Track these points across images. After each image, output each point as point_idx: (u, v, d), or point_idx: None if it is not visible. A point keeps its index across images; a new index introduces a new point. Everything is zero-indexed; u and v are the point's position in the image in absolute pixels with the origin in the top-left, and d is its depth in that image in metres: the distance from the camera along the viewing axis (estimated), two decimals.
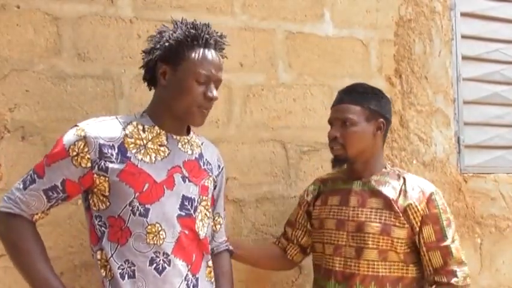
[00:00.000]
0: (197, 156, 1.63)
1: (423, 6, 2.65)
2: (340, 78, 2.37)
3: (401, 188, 1.86)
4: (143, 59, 1.60)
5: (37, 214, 1.50)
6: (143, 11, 2.02)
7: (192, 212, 1.55)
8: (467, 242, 2.66)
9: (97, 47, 1.95)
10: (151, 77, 1.58)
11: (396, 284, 1.82)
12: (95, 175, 1.46)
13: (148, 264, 1.46)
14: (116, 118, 1.56)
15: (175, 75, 1.52)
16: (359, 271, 1.81)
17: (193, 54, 1.51)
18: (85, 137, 1.46)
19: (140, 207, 1.46)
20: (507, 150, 2.89)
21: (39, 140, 1.84)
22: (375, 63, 2.52)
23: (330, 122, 1.92)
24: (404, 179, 1.89)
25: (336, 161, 1.90)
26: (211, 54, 1.53)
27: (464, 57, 2.77)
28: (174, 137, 1.58)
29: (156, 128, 1.56)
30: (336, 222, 1.88)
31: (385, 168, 1.94)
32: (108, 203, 1.48)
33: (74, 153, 1.45)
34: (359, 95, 1.88)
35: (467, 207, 2.69)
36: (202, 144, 1.68)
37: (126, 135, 1.51)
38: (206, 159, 1.66)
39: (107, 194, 1.48)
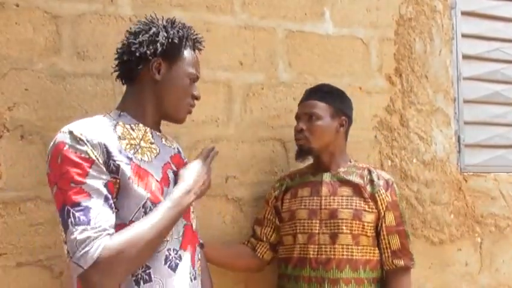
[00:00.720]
0: (176, 150, 1.64)
1: (424, 5, 2.65)
2: (340, 77, 2.37)
3: (367, 177, 2.01)
4: (132, 49, 1.50)
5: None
6: (143, 9, 2.01)
7: None
8: (467, 241, 2.66)
9: (97, 45, 1.95)
10: (133, 69, 1.51)
11: (366, 266, 1.93)
12: None
13: (163, 263, 1.41)
14: (103, 119, 1.46)
15: (170, 72, 1.52)
16: (334, 255, 1.91)
17: (187, 54, 1.56)
18: (87, 140, 1.34)
19: (153, 207, 1.39)
20: (507, 149, 2.88)
21: (39, 139, 1.84)
22: (376, 62, 2.51)
23: (297, 117, 2.06)
24: (368, 170, 2.04)
25: (300, 153, 2.03)
26: (196, 55, 1.61)
27: (465, 56, 2.76)
28: (157, 133, 1.57)
29: (141, 125, 1.52)
30: (308, 212, 1.97)
31: (350, 162, 2.08)
32: (115, 210, 1.37)
33: (94, 156, 1.32)
34: (325, 94, 2.03)
35: (467, 207, 2.68)
36: (173, 139, 1.70)
37: (119, 137, 1.44)
38: (181, 153, 1.68)
39: (113, 200, 1.36)
